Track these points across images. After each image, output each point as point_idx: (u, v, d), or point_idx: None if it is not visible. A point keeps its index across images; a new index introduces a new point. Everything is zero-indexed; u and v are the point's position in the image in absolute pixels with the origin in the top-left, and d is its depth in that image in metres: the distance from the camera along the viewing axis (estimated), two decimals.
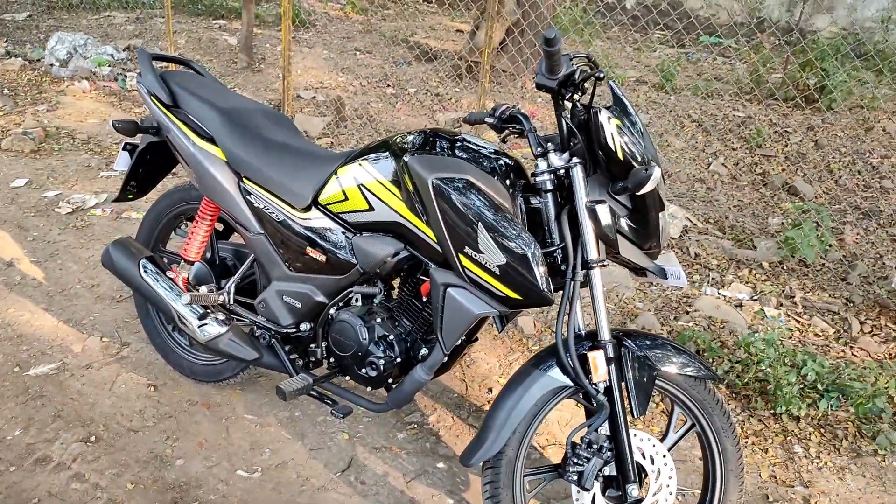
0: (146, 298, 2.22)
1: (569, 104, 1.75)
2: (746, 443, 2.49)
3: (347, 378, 2.11)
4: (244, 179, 2.10)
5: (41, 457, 2.14)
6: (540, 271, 1.67)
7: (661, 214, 1.76)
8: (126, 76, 6.32)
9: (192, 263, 2.30)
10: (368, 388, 2.06)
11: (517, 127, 1.84)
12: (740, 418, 2.59)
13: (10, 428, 2.23)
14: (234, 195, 2.11)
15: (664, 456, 1.83)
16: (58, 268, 3.17)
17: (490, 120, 1.88)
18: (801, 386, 2.61)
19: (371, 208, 1.89)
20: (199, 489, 2.09)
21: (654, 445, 1.83)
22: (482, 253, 1.70)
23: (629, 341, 1.79)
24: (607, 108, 1.69)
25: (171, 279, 2.20)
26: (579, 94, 1.70)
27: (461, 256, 1.73)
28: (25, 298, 2.91)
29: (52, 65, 6.34)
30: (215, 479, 2.13)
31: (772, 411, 2.58)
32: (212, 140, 2.14)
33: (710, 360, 2.80)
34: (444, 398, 2.58)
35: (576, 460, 1.73)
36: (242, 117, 2.18)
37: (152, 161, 2.41)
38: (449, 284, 1.79)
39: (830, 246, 3.84)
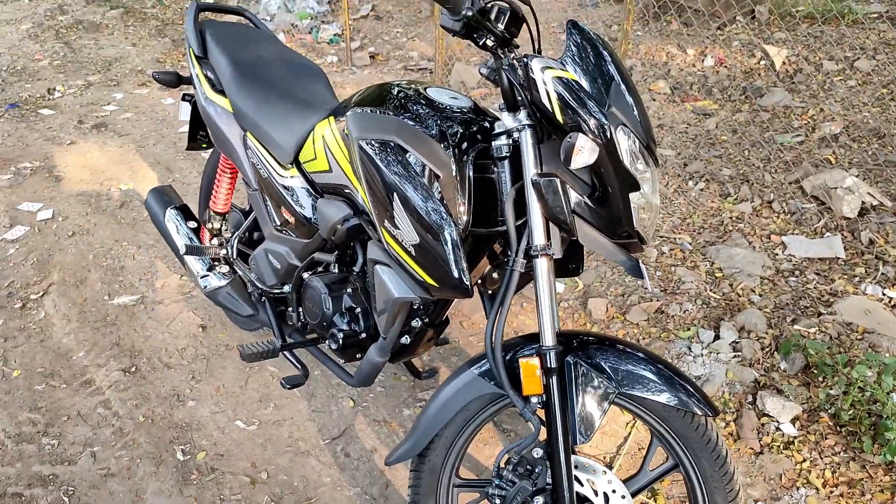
0: (169, 246, 2.33)
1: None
2: (833, 492, 1.92)
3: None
4: (248, 134, 2.06)
5: (87, 379, 2.38)
6: (455, 255, 1.40)
7: (631, 195, 1.35)
8: (320, 28, 6.68)
9: (222, 215, 2.34)
10: (342, 361, 1.94)
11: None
12: (836, 460, 2.00)
13: (79, 349, 2.52)
14: (238, 150, 2.08)
15: (623, 497, 1.46)
16: None
17: (484, 71, 1.58)
18: None
19: (330, 169, 1.73)
20: (197, 432, 2.17)
21: (609, 481, 1.46)
22: (399, 229, 1.46)
23: (582, 351, 1.43)
24: (532, 55, 1.32)
25: (192, 230, 2.26)
26: (492, 37, 1.33)
27: (383, 230, 1.50)
28: (142, 234, 3.24)
29: (264, 19, 6.94)
30: (214, 425, 2.19)
31: (885, 460, 1.96)
32: (223, 92, 2.12)
33: (820, 378, 2.20)
34: None
35: (499, 482, 1.45)
36: (259, 69, 2.12)
37: None
38: (377, 261, 1.58)
39: None
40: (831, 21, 5.09)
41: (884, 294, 2.67)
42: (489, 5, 1.29)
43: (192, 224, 2.32)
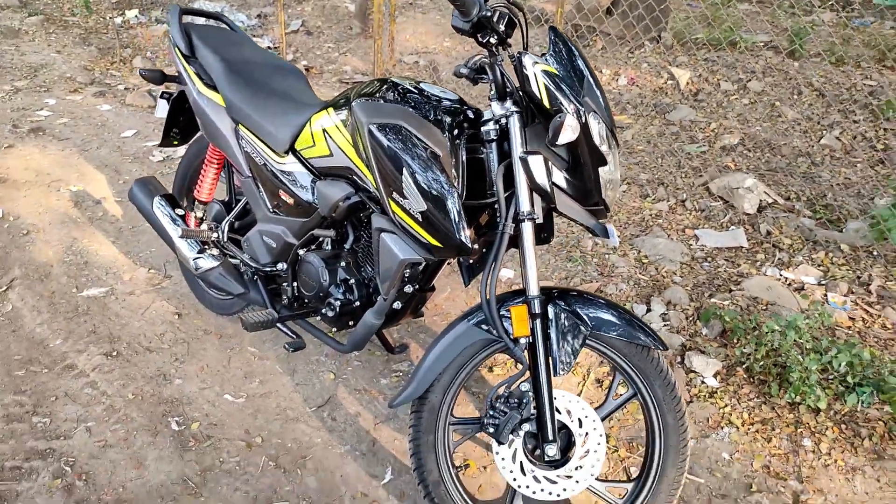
0: (157, 232, 2.46)
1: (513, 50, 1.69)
2: (750, 430, 2.30)
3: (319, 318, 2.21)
4: (239, 125, 2.25)
5: (69, 364, 2.46)
6: (458, 218, 1.66)
7: (600, 170, 1.66)
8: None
9: (205, 203, 2.50)
10: (334, 330, 2.15)
11: (486, 77, 1.80)
12: (751, 404, 2.39)
13: (55, 337, 2.58)
14: (230, 140, 2.26)
15: (594, 420, 1.75)
16: (134, 208, 3.55)
17: (464, 71, 1.85)
18: (829, 376, 2.36)
19: (331, 153, 1.96)
20: (188, 406, 2.30)
21: (583, 409, 1.76)
22: (407, 199, 1.71)
23: (560, 299, 1.73)
24: (524, 52, 1.62)
25: (179, 216, 2.41)
26: (494, 35, 1.63)
27: (391, 201, 1.75)
28: (100, 232, 3.30)
29: None
30: (204, 399, 2.34)
31: (789, 400, 2.36)
32: (215, 88, 2.30)
33: (735, 339, 2.60)
34: None
35: (492, 412, 1.71)
36: (246, 67, 2.31)
37: (190, 109, 2.63)
38: (382, 230, 1.83)
39: None
40: (726, 48, 5.73)
41: (780, 274, 3.14)
42: (492, 9, 1.58)
43: (179, 211, 2.46)
